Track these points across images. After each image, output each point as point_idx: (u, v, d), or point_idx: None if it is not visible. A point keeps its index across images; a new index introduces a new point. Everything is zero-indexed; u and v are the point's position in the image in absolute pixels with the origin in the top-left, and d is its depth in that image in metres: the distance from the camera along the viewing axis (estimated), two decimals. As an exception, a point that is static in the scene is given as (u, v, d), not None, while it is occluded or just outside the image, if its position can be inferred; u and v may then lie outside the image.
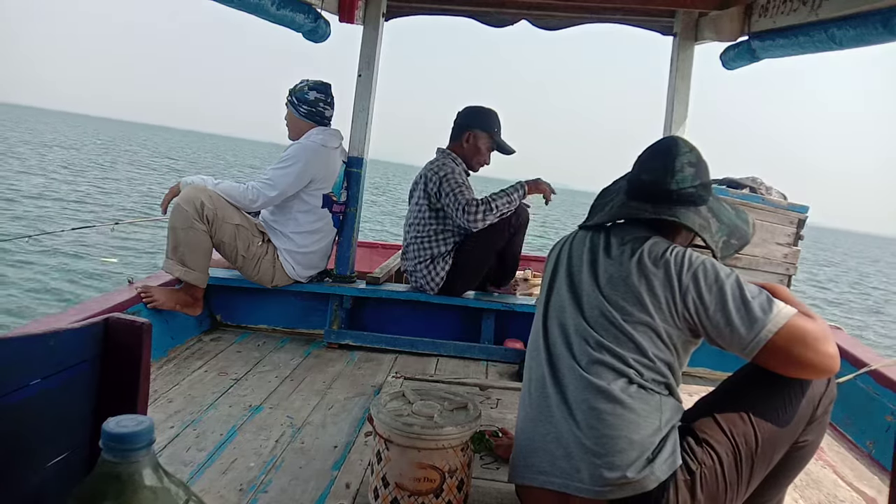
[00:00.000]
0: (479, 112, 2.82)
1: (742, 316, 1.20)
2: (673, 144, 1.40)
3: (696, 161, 1.38)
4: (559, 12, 2.95)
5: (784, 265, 2.71)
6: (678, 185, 1.35)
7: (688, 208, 1.36)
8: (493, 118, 2.82)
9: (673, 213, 1.35)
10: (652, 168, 1.40)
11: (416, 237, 2.78)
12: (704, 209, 1.38)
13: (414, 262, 2.80)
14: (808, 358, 1.20)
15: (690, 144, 1.40)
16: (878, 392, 2.11)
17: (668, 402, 1.24)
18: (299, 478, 1.63)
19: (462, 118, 2.83)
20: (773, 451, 1.26)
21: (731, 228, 1.39)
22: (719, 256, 1.33)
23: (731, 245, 1.37)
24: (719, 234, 1.36)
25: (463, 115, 2.83)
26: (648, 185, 1.39)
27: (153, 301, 2.49)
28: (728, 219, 1.41)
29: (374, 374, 2.48)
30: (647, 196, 1.39)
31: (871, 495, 1.77)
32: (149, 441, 0.62)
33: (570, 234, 1.50)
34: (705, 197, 1.39)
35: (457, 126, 2.83)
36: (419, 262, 2.78)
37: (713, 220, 1.37)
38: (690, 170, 1.36)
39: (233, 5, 2.31)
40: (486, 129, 2.79)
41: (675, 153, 1.38)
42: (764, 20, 2.54)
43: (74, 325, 0.84)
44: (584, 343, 1.28)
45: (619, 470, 1.16)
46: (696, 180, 1.36)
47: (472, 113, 2.82)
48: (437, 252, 2.74)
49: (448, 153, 2.80)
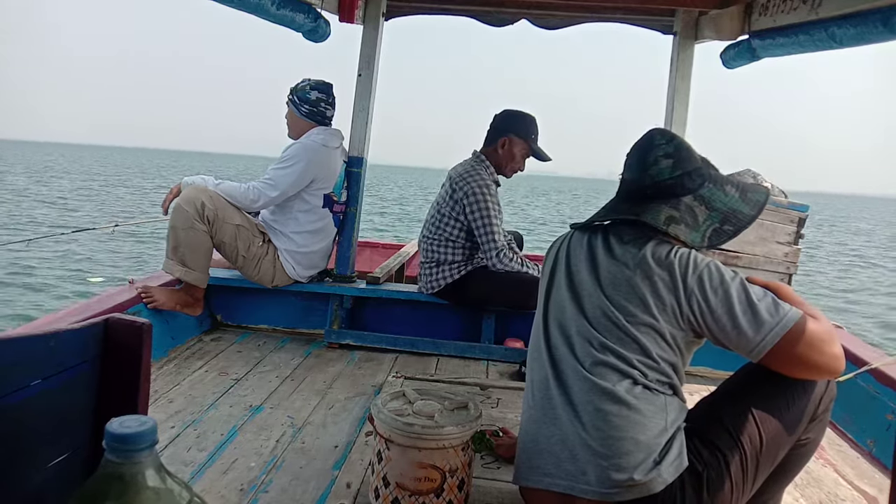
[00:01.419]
0: (517, 117, 2.71)
1: (749, 319, 1.19)
2: (647, 139, 1.39)
3: (673, 151, 1.35)
4: (559, 12, 2.94)
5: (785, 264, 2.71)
6: (653, 178, 1.34)
7: (666, 201, 1.34)
8: (530, 124, 2.70)
9: (641, 209, 1.34)
10: (629, 165, 1.40)
11: (426, 237, 2.75)
12: (689, 199, 1.34)
13: (421, 260, 2.80)
14: (815, 360, 1.20)
15: (669, 135, 1.38)
16: (878, 391, 2.11)
17: (672, 403, 1.24)
18: (300, 478, 1.63)
19: (499, 122, 2.72)
20: (777, 450, 1.26)
21: (724, 214, 1.35)
22: (701, 247, 1.30)
23: (724, 232, 1.33)
24: (707, 223, 1.33)
25: (500, 120, 2.72)
26: (628, 184, 1.40)
27: (153, 301, 2.49)
28: (723, 204, 1.36)
29: (374, 374, 2.47)
30: (626, 194, 1.40)
31: (872, 494, 1.76)
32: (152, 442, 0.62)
33: (565, 233, 1.49)
34: (690, 186, 1.35)
35: (493, 130, 2.72)
36: (424, 262, 2.77)
37: (700, 209, 1.34)
38: (667, 161, 1.34)
39: (233, 5, 2.31)
40: (523, 136, 2.68)
41: (648, 147, 1.37)
42: (764, 19, 2.54)
43: (75, 325, 0.84)
44: (587, 344, 1.28)
45: (627, 472, 1.16)
46: (676, 170, 1.34)
47: (510, 117, 2.71)
48: (443, 258, 2.70)
49: (481, 159, 2.70)
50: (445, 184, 2.74)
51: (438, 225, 2.70)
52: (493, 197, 2.63)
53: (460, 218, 2.64)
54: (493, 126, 2.73)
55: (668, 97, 2.94)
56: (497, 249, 2.59)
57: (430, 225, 2.75)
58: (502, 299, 2.74)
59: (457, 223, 2.66)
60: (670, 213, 1.32)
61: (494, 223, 2.60)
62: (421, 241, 2.81)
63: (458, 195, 2.63)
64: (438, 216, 2.70)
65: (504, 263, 2.60)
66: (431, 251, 2.73)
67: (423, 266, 2.78)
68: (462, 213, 2.63)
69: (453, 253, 2.69)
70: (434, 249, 2.72)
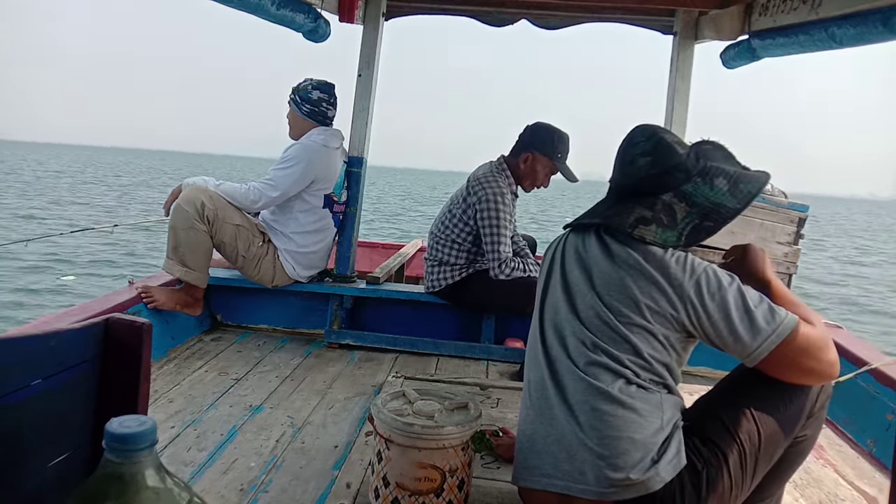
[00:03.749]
0: (545, 133, 2.60)
1: (745, 326, 1.19)
2: (627, 138, 1.39)
3: (651, 149, 1.33)
4: (559, 12, 2.95)
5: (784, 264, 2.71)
6: (631, 178, 1.34)
7: (642, 201, 1.32)
8: (557, 143, 2.59)
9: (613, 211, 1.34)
10: (613, 165, 1.41)
11: (434, 234, 2.75)
12: (668, 196, 1.32)
13: (426, 255, 2.80)
14: (810, 366, 1.21)
15: (650, 132, 1.36)
16: (878, 391, 2.11)
17: (668, 400, 1.24)
18: (300, 478, 1.63)
19: (527, 136, 2.62)
20: (774, 447, 1.26)
21: (705, 210, 1.31)
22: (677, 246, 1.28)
23: (703, 229, 1.30)
24: (685, 220, 1.30)
25: (529, 133, 2.62)
26: (612, 184, 1.41)
27: (153, 301, 2.49)
28: (706, 199, 1.31)
29: (374, 374, 2.47)
30: (610, 194, 1.41)
31: (872, 494, 1.76)
32: (152, 441, 0.62)
33: (562, 234, 1.49)
34: (670, 183, 1.32)
35: (520, 142, 2.63)
36: (428, 258, 2.77)
37: (680, 207, 1.31)
38: (644, 160, 1.33)
39: (233, 5, 2.31)
40: (548, 155, 2.58)
41: (626, 146, 1.37)
42: (764, 19, 2.54)
43: (75, 325, 0.84)
44: (580, 345, 1.28)
45: (624, 471, 1.16)
46: (654, 168, 1.32)
47: (537, 132, 2.61)
48: (445, 259, 2.70)
49: (503, 167, 2.64)
50: (463, 185, 2.71)
51: (447, 225, 2.69)
52: (507, 206, 2.57)
53: (469, 222, 2.62)
54: (521, 137, 2.65)
55: (667, 97, 2.94)
56: (500, 260, 2.55)
57: (438, 223, 2.74)
58: (500, 304, 2.73)
59: (465, 226, 2.64)
60: (641, 214, 1.30)
61: (502, 233, 2.55)
62: (429, 237, 2.81)
63: (471, 199, 2.60)
64: (449, 216, 2.70)
65: (506, 274, 2.55)
66: (436, 250, 2.73)
67: (427, 263, 2.78)
68: (472, 217, 2.60)
69: (456, 255, 2.68)
70: (438, 248, 2.72)
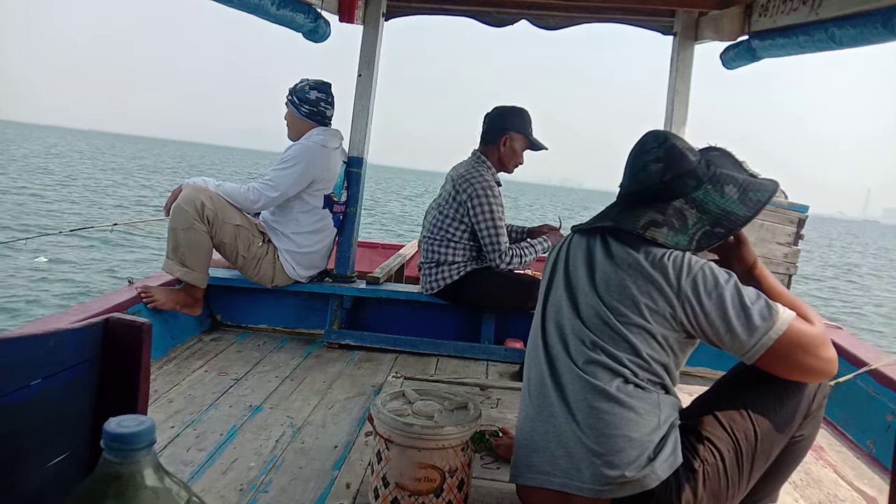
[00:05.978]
0: (514, 113, 2.73)
1: (742, 323, 1.20)
2: (640, 143, 1.39)
3: (664, 155, 1.34)
4: (559, 12, 2.94)
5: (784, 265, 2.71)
6: (643, 184, 1.35)
7: (653, 206, 1.33)
8: (527, 118, 2.74)
9: (623, 215, 1.34)
10: (624, 171, 1.41)
11: (427, 237, 2.76)
12: (679, 202, 1.33)
13: (421, 260, 2.81)
14: (808, 363, 1.21)
15: (662, 138, 1.37)
16: (878, 391, 2.11)
17: (666, 400, 1.25)
18: (299, 478, 1.63)
19: (498, 121, 2.72)
20: (771, 446, 1.27)
21: (716, 217, 1.32)
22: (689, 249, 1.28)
23: (715, 234, 1.31)
24: (697, 225, 1.31)
25: (498, 118, 2.72)
26: (622, 189, 1.41)
27: (153, 301, 2.49)
28: (717, 206, 1.33)
29: (374, 374, 2.48)
30: (620, 199, 1.41)
31: (872, 495, 1.76)
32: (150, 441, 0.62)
33: (567, 235, 1.50)
34: (682, 190, 1.33)
35: (492, 129, 2.72)
36: (424, 262, 2.78)
37: (690, 213, 1.32)
38: (656, 166, 1.33)
39: (233, 5, 2.31)
40: (523, 131, 2.71)
41: (640, 152, 1.38)
42: (764, 20, 2.54)
43: (75, 325, 0.84)
44: (580, 343, 1.29)
45: (619, 469, 1.17)
46: (666, 174, 1.33)
47: (507, 114, 2.72)
48: (443, 259, 2.71)
49: (482, 160, 2.71)
50: (447, 185, 2.74)
51: (440, 226, 2.70)
52: (497, 198, 2.65)
53: (464, 220, 2.66)
54: (490, 125, 2.73)
55: (667, 98, 2.94)
56: (501, 252, 2.63)
57: (430, 226, 2.75)
58: (499, 301, 2.76)
59: (461, 224, 2.67)
60: (653, 218, 1.31)
61: (498, 224, 2.63)
62: (421, 241, 2.82)
63: (461, 197, 2.64)
64: (441, 217, 2.71)
65: (507, 263, 2.64)
66: (432, 251, 2.73)
67: (424, 266, 2.79)
68: (466, 214, 2.65)
69: (454, 254, 2.70)
70: (435, 250, 2.72)
